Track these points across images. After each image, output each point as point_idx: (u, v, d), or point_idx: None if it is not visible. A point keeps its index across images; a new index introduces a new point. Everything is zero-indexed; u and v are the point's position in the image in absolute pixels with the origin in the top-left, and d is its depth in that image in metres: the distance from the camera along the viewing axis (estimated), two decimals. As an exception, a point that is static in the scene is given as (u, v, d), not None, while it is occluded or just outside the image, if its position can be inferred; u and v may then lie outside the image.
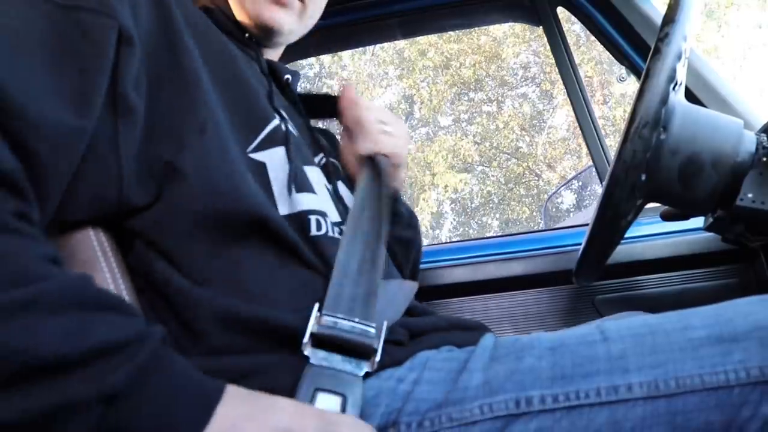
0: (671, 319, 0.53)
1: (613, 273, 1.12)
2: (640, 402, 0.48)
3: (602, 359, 0.51)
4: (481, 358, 0.54)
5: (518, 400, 0.50)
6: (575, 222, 2.33)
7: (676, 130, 0.65)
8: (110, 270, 0.54)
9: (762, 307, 0.51)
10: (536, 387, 0.50)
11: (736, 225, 0.71)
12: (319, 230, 0.61)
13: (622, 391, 0.49)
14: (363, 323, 0.55)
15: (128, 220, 0.55)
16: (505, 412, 0.50)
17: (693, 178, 0.65)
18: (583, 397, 0.49)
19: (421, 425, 0.51)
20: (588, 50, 9.57)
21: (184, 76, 0.57)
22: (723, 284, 1.09)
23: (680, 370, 0.48)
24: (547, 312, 1.15)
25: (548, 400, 0.49)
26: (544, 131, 10.83)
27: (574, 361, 0.51)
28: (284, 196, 0.61)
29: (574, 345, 0.52)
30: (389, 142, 0.78)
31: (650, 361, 0.49)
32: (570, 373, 0.50)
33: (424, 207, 10.35)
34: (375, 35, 1.50)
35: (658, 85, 0.60)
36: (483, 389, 0.51)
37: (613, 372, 0.50)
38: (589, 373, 0.50)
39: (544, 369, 0.51)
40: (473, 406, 0.51)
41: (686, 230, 1.09)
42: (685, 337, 0.50)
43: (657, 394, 0.48)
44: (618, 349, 0.51)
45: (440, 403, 0.51)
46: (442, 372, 0.54)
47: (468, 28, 6.41)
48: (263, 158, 0.62)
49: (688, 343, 0.50)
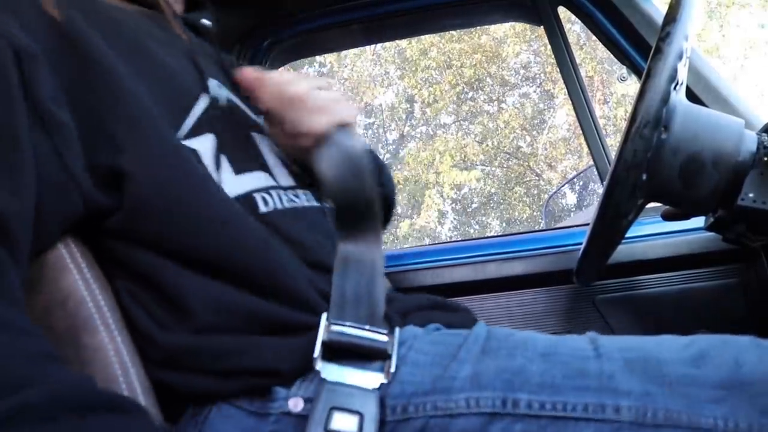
0: (670, 346, 0.52)
1: (613, 273, 1.12)
2: (626, 426, 0.48)
3: (593, 376, 0.50)
4: (473, 349, 0.53)
5: (505, 400, 0.50)
6: (576, 222, 2.33)
7: (677, 130, 0.65)
8: (75, 263, 0.54)
9: (755, 356, 0.50)
10: (525, 390, 0.50)
11: (737, 225, 0.71)
12: (267, 206, 0.61)
13: (610, 412, 0.48)
14: (373, 330, 0.54)
15: (101, 221, 0.55)
16: (490, 409, 0.50)
17: (694, 178, 0.65)
18: (570, 410, 0.49)
19: (406, 410, 0.51)
20: (593, 50, 9.56)
21: (98, 75, 0.54)
22: (724, 284, 1.09)
23: (670, 403, 0.48)
24: (548, 312, 1.15)
25: (535, 405, 0.49)
26: (545, 131, 10.83)
27: (565, 372, 0.51)
28: (228, 182, 0.60)
29: (567, 356, 0.52)
30: (341, 108, 0.66)
31: (640, 389, 0.49)
32: (560, 383, 0.50)
33: (430, 204, 10.36)
34: (375, 35, 1.50)
35: (659, 85, 0.60)
36: (471, 382, 0.51)
37: (603, 391, 0.49)
38: (579, 388, 0.50)
39: (535, 374, 0.51)
40: (459, 397, 0.50)
41: (687, 230, 1.09)
42: (678, 371, 0.49)
43: (644, 422, 0.47)
44: (609, 369, 0.50)
45: (427, 390, 0.51)
46: (429, 355, 0.53)
47: (468, 28, 6.40)
48: (195, 146, 0.59)
49: (682, 378, 0.49)
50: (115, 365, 0.52)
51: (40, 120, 0.50)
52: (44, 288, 0.53)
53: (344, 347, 0.53)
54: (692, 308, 1.09)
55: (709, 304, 1.09)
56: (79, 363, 0.52)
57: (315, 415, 0.49)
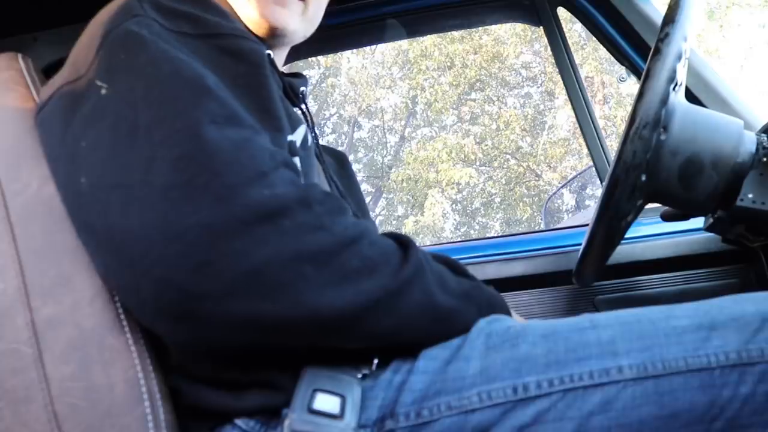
0: (655, 310, 0.56)
1: (613, 273, 1.12)
2: (630, 383, 0.51)
3: (593, 344, 0.53)
4: (477, 346, 0.55)
5: (516, 387, 0.51)
6: (575, 222, 2.33)
7: (676, 131, 0.65)
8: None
9: (735, 302, 0.55)
10: (532, 373, 0.52)
11: (736, 225, 0.71)
12: None
13: (613, 373, 0.51)
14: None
15: None
16: (503, 399, 0.51)
17: (693, 179, 0.65)
18: (577, 380, 0.51)
19: (420, 414, 0.51)
20: (593, 50, 9.56)
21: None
22: (723, 284, 1.09)
23: (666, 353, 0.51)
24: (548, 312, 1.15)
25: (544, 384, 0.51)
26: (545, 131, 10.83)
27: (567, 346, 0.53)
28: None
29: (566, 332, 0.55)
30: None
31: (638, 346, 0.52)
32: (564, 358, 0.52)
33: (434, 202, 10.37)
34: (375, 35, 1.50)
35: (659, 86, 0.60)
36: (480, 377, 0.52)
37: (604, 356, 0.52)
38: (581, 358, 0.52)
39: (539, 355, 0.53)
40: (471, 393, 0.52)
41: (686, 231, 1.09)
42: (669, 324, 0.53)
43: (645, 375, 0.51)
44: (608, 335, 0.53)
45: (437, 392, 0.52)
46: (436, 360, 0.54)
47: (468, 28, 6.41)
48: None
49: (672, 330, 0.53)
50: (137, 368, 0.53)
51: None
52: (77, 285, 0.54)
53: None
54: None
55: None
56: (102, 363, 0.52)
57: (298, 396, 0.51)
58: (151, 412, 0.52)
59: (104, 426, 0.51)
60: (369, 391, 0.53)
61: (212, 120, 0.50)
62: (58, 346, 0.52)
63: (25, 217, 0.56)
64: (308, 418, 0.50)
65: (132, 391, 0.52)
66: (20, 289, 0.54)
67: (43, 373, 0.52)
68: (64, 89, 0.57)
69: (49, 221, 0.56)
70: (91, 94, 0.54)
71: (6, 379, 0.52)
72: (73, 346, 0.52)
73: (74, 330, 0.53)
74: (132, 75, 0.53)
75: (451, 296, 0.56)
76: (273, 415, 0.53)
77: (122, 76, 0.53)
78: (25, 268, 0.54)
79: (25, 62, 0.66)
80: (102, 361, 0.52)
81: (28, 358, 0.52)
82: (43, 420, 0.51)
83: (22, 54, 0.67)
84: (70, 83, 0.57)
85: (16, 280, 0.54)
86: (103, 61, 0.55)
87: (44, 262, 0.55)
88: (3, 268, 0.54)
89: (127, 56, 0.54)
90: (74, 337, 0.53)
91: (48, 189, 0.57)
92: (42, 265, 0.54)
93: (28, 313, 0.53)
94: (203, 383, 0.54)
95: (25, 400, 0.51)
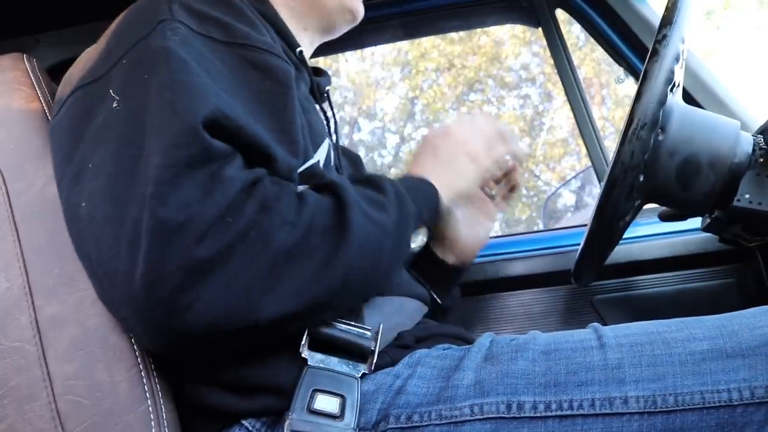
0: (672, 327, 0.51)
1: (611, 273, 1.12)
2: (635, 417, 0.46)
3: (598, 368, 0.49)
4: (475, 358, 0.54)
5: (510, 404, 0.50)
6: (574, 222, 2.33)
7: (673, 132, 0.65)
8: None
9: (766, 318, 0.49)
10: (529, 392, 0.50)
11: (733, 225, 0.72)
12: None
13: (618, 404, 0.47)
14: (358, 326, 0.55)
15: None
16: (495, 414, 0.50)
17: (690, 179, 0.66)
18: (576, 408, 0.48)
19: (410, 419, 0.51)
20: (592, 51, 9.56)
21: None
22: (720, 284, 1.10)
23: (680, 385, 0.46)
24: (547, 312, 1.16)
25: (540, 407, 0.49)
26: (544, 132, 10.83)
27: (568, 368, 0.50)
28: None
29: (570, 350, 0.51)
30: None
31: (648, 374, 0.47)
32: (564, 380, 0.49)
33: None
34: (374, 36, 1.50)
35: (656, 87, 0.60)
36: (474, 389, 0.51)
37: (609, 382, 0.48)
38: (583, 382, 0.49)
39: (538, 374, 0.50)
40: (463, 405, 0.51)
41: (684, 231, 1.09)
42: (686, 349, 0.48)
43: (654, 410, 0.46)
44: (615, 358, 0.49)
45: (432, 400, 0.52)
46: (435, 369, 0.54)
47: (467, 30, 6.40)
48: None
49: (690, 356, 0.47)
50: (140, 367, 0.53)
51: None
52: (81, 284, 0.54)
53: (329, 340, 0.54)
54: (689, 308, 1.10)
55: (706, 304, 1.09)
56: (105, 362, 0.53)
57: (298, 396, 0.51)
58: (153, 410, 0.52)
59: (107, 424, 0.52)
60: (371, 392, 0.53)
61: (189, 164, 0.47)
62: (61, 344, 0.53)
63: (29, 216, 0.56)
64: (308, 418, 0.50)
65: (135, 389, 0.52)
66: (24, 287, 0.54)
67: (47, 371, 0.52)
68: (78, 93, 0.56)
69: (52, 220, 0.56)
70: (104, 108, 0.53)
71: (10, 377, 0.52)
72: (76, 344, 0.53)
73: (78, 328, 0.53)
74: (145, 97, 0.51)
75: (390, 237, 0.55)
76: (279, 417, 0.53)
77: (135, 93, 0.52)
78: (29, 267, 0.55)
79: (30, 62, 0.66)
80: (105, 360, 0.53)
81: (31, 356, 0.53)
82: (46, 417, 0.52)
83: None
84: (86, 85, 0.56)
85: (20, 278, 0.54)
86: (121, 71, 0.54)
87: (48, 261, 0.55)
88: (7, 267, 0.55)
89: (144, 73, 0.52)
90: (78, 335, 0.53)
91: (52, 188, 0.57)
92: (46, 264, 0.55)
93: (32, 311, 0.54)
94: (212, 385, 0.54)
95: (28, 398, 0.52)
